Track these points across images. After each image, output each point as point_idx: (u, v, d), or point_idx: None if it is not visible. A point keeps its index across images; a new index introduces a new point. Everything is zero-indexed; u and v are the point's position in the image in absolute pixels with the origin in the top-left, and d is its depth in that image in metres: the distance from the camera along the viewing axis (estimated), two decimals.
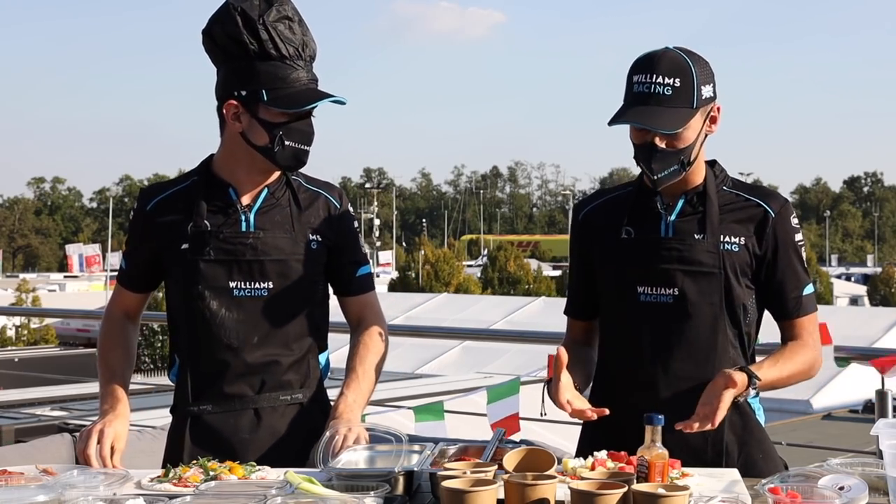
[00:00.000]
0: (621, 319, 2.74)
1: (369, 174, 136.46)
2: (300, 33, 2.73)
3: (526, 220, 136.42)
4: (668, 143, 2.60)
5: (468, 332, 13.27)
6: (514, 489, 2.09)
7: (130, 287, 2.96)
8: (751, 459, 2.65)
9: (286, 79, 2.69)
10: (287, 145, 2.72)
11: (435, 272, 48.17)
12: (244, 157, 2.78)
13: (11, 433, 6.77)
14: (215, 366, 2.78)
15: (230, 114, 2.74)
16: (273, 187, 2.83)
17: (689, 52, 2.64)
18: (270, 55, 2.68)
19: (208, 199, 2.80)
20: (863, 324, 22.80)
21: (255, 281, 2.78)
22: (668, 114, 2.57)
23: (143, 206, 2.87)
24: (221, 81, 2.76)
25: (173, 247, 2.79)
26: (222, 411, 2.78)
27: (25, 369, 13.59)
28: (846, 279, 63.60)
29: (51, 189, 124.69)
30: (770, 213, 2.69)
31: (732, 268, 2.66)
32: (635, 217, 2.73)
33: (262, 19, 2.67)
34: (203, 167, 2.87)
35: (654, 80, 2.57)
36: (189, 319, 2.80)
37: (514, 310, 27.75)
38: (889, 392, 4.29)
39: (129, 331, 2.97)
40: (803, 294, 2.72)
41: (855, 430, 13.20)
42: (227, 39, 2.71)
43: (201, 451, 2.69)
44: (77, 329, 35.99)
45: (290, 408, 2.81)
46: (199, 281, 2.77)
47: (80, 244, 65.69)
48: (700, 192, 2.70)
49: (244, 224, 2.79)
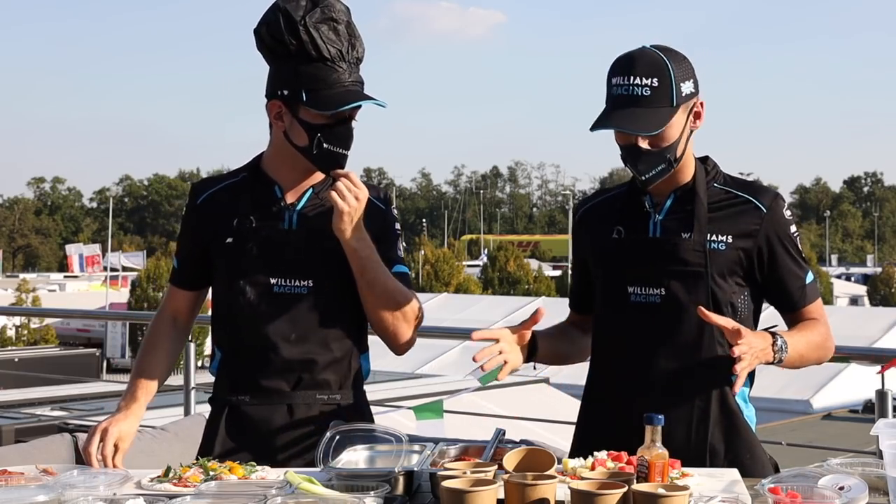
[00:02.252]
0: (612, 319, 2.75)
1: (369, 174, 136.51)
2: (346, 35, 2.73)
3: (526, 220, 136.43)
4: (651, 143, 2.60)
5: (468, 332, 13.27)
6: (514, 489, 2.09)
7: (180, 284, 2.97)
8: (737, 460, 2.61)
9: (326, 80, 2.70)
10: (325, 148, 2.73)
11: (435, 272, 48.22)
12: (288, 157, 2.80)
13: (11, 433, 6.78)
14: (254, 359, 2.80)
15: (273, 113, 2.77)
16: (318, 188, 2.84)
17: (667, 49, 2.64)
18: (311, 56, 2.69)
19: (254, 195, 2.83)
20: (863, 324, 22.85)
21: (295, 279, 2.79)
22: (647, 115, 2.57)
23: (194, 201, 2.91)
24: (269, 80, 2.79)
25: (219, 240, 2.82)
26: (258, 403, 2.80)
27: (25, 369, 13.61)
28: (846, 279, 63.66)
29: (51, 189, 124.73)
30: (761, 209, 2.67)
31: (719, 267, 2.65)
32: (626, 216, 2.74)
33: (304, 20, 2.68)
34: (253, 164, 2.89)
35: (631, 81, 2.57)
36: (230, 313, 2.83)
37: (514, 310, 27.79)
38: (889, 392, 4.29)
39: (172, 333, 2.98)
40: (806, 284, 2.73)
41: (855, 430, 13.22)
42: (272, 39, 2.73)
43: (234, 441, 2.76)
44: (77, 329, 36.06)
45: (326, 408, 2.81)
46: (241, 276, 2.79)
47: (80, 244, 65.79)
48: (689, 189, 2.69)
49: (287, 222, 2.80)
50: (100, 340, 34.13)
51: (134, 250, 58.07)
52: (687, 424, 2.64)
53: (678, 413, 2.63)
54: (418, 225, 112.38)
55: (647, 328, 2.67)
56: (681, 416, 2.64)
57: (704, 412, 2.65)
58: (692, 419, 2.65)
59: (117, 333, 35.99)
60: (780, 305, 2.75)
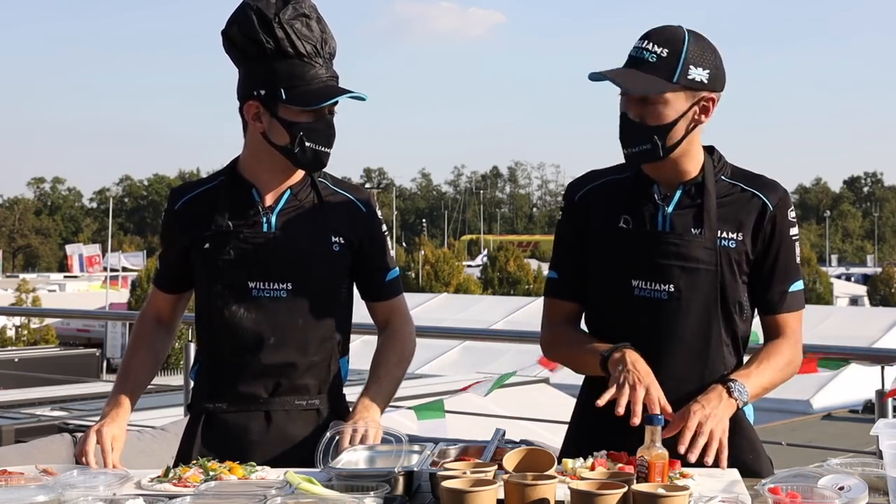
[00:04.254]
0: (614, 312, 2.69)
1: (369, 174, 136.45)
2: (318, 30, 2.72)
3: (526, 221, 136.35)
4: (639, 115, 2.56)
5: (468, 332, 13.27)
6: (514, 489, 2.09)
7: (162, 287, 2.97)
8: (740, 460, 2.58)
9: (304, 76, 2.69)
10: (307, 146, 2.72)
11: (435, 272, 48.21)
12: (266, 158, 2.78)
13: (11, 433, 6.78)
14: (232, 365, 2.78)
15: (251, 114, 2.75)
16: (296, 188, 2.83)
17: (697, 33, 2.60)
18: (288, 53, 2.68)
19: (232, 199, 2.81)
20: (863, 324, 22.80)
21: (273, 281, 2.77)
22: (642, 78, 2.54)
23: (173, 206, 2.90)
24: (241, 82, 2.77)
25: (197, 245, 2.80)
26: (236, 410, 2.78)
27: (25, 369, 13.60)
28: (846, 279, 63.63)
29: (51, 189, 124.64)
30: (768, 206, 2.65)
31: (729, 264, 2.62)
32: (632, 205, 2.67)
33: (278, 18, 2.67)
34: (230, 167, 2.88)
35: (644, 45, 2.57)
36: (209, 318, 2.81)
37: (514, 310, 27.79)
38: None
39: (157, 335, 2.97)
40: (789, 290, 2.67)
41: (855, 430, 13.19)
42: (245, 39, 2.71)
43: (210, 451, 2.70)
44: (77, 329, 36.02)
45: (305, 413, 2.79)
46: (219, 280, 2.78)
47: (80, 244, 65.67)
48: (698, 183, 2.65)
49: (265, 225, 2.78)
50: (100, 340, 34.08)
51: (134, 250, 58.08)
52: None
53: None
54: (418, 225, 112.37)
55: (652, 323, 2.62)
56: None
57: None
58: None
59: (117, 333, 35.95)
60: (758, 305, 2.71)
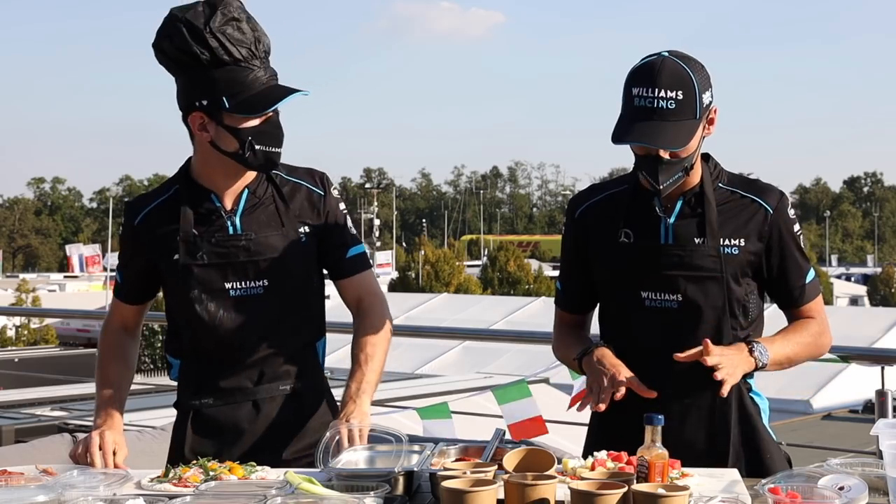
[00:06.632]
0: (626, 323, 2.73)
1: (369, 174, 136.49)
2: (250, 31, 2.69)
3: (526, 221, 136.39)
4: (672, 154, 2.58)
5: (468, 332, 13.30)
6: (514, 489, 2.09)
7: (126, 300, 2.98)
8: (756, 460, 2.63)
9: (244, 82, 2.66)
10: (258, 150, 2.71)
11: (435, 272, 48.17)
12: (218, 164, 2.78)
13: (11, 433, 6.76)
14: (216, 363, 2.81)
15: (196, 125, 2.74)
16: (253, 186, 2.83)
17: (687, 58, 2.60)
18: (224, 61, 2.65)
19: (193, 206, 2.80)
20: (863, 324, 22.83)
21: (249, 280, 2.79)
22: (673, 129, 2.53)
23: (131, 221, 2.88)
24: (181, 92, 2.74)
25: (166, 257, 2.80)
26: (223, 404, 2.81)
27: (25, 369, 13.58)
28: (846, 279, 63.60)
29: (51, 189, 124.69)
30: (768, 210, 2.69)
31: (733, 270, 2.66)
32: (633, 219, 2.71)
33: (208, 27, 2.63)
34: (182, 174, 2.86)
35: (656, 94, 2.52)
36: (188, 322, 2.82)
37: (514, 310, 27.80)
38: (889, 392, 4.29)
39: (127, 344, 2.99)
40: (807, 282, 2.75)
41: (855, 430, 13.20)
42: (178, 52, 2.68)
43: (202, 443, 2.76)
44: (77, 329, 35.97)
45: (291, 397, 2.83)
46: (195, 285, 2.78)
47: (80, 244, 65.80)
48: (698, 192, 2.68)
49: (231, 228, 2.79)
50: None
51: None
52: (707, 429, 2.65)
53: (699, 417, 2.64)
54: (418, 225, 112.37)
55: (665, 332, 2.66)
56: (701, 421, 2.65)
57: (724, 416, 2.66)
58: (713, 424, 2.65)
59: None
60: (780, 302, 2.79)
